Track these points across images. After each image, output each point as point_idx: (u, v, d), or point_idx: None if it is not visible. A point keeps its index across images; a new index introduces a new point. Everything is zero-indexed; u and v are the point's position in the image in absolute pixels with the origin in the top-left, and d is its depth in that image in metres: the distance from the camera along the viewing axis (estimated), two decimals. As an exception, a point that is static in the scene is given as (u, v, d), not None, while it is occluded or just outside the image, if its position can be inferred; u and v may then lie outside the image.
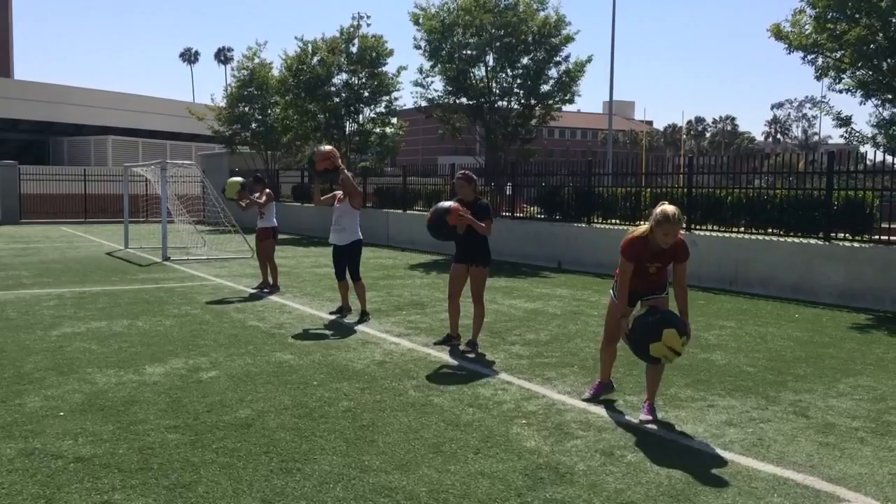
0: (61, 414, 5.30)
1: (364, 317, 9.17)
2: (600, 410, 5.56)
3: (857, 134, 11.53)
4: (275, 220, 11.77)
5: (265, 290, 11.46)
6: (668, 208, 5.04)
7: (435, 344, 7.78)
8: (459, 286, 7.64)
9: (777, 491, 4.13)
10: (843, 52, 11.08)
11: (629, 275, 5.30)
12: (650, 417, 5.28)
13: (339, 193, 9.39)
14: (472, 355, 7.33)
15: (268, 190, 11.84)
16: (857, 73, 11.18)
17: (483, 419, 5.31)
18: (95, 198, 33.12)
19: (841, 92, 11.55)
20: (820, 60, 11.62)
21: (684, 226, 13.22)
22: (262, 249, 11.69)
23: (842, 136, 11.72)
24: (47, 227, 28.43)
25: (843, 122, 11.50)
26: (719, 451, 4.73)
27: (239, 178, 12.52)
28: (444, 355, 7.34)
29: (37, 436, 4.85)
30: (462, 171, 7.74)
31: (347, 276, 9.35)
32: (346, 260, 9.28)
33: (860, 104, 11.43)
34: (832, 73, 11.45)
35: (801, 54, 11.77)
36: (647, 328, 5.09)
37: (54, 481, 4.13)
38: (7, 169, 31.67)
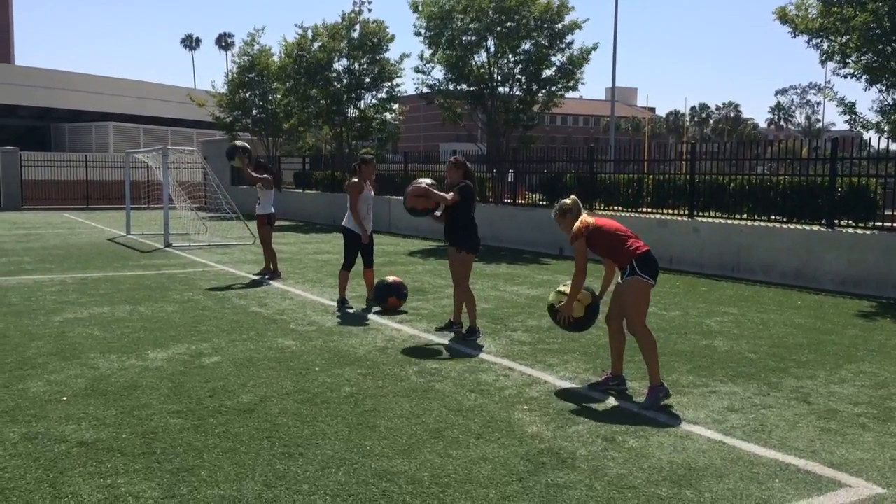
0: (64, 399, 5.31)
1: (372, 304, 9.20)
2: (602, 396, 5.56)
3: (862, 120, 11.46)
4: (271, 207, 11.70)
5: (266, 276, 11.47)
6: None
7: (437, 330, 7.78)
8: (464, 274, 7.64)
9: (779, 476, 4.14)
10: (848, 36, 11.00)
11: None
12: (651, 403, 5.28)
13: (356, 180, 9.05)
14: (452, 338, 7.33)
15: (266, 175, 11.72)
16: (863, 57, 11.10)
17: (485, 405, 5.32)
18: (97, 184, 33.11)
19: (846, 77, 11.47)
20: (825, 45, 11.55)
21: (688, 213, 13.19)
22: (260, 235, 11.69)
23: (846, 122, 11.64)
24: (49, 214, 28.44)
25: (848, 107, 11.43)
26: (721, 437, 4.73)
27: (239, 145, 12.22)
28: (445, 341, 7.34)
29: (40, 420, 4.86)
30: (453, 157, 7.77)
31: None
32: (371, 248, 9.28)
33: (864, 90, 11.37)
34: (837, 58, 11.38)
35: (805, 38, 11.70)
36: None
37: (58, 465, 4.14)
38: (8, 155, 31.64)
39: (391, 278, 9.11)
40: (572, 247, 5.73)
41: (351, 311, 8.92)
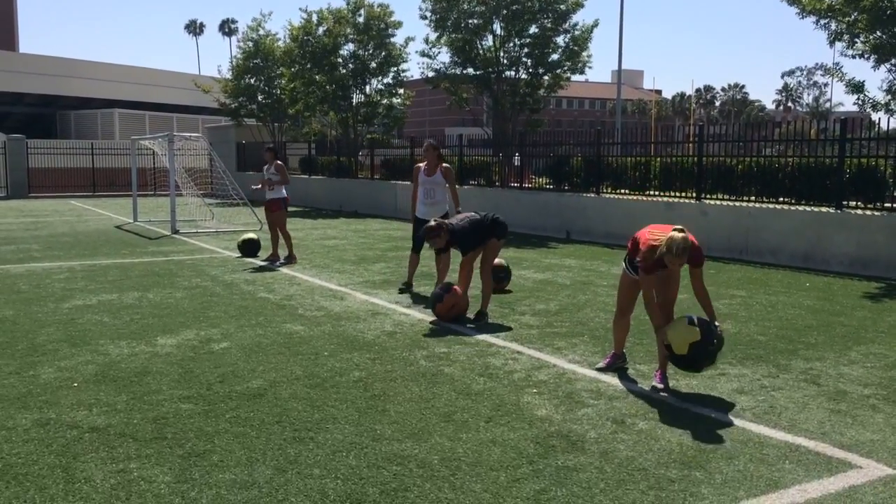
0: (75, 385, 5.34)
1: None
2: (611, 379, 5.57)
3: (871, 100, 11.36)
4: (285, 191, 11.72)
5: (276, 263, 11.46)
6: (676, 238, 4.95)
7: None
8: (473, 256, 7.67)
9: (789, 458, 4.14)
10: (857, 15, 10.88)
11: (653, 289, 5.24)
12: (661, 386, 5.28)
13: (422, 165, 9.15)
14: (472, 325, 7.34)
15: (278, 162, 11.75)
16: (871, 37, 10.98)
17: (494, 388, 5.32)
18: (103, 171, 33.16)
19: (854, 57, 11.36)
20: (833, 25, 11.43)
21: (695, 196, 13.15)
22: (275, 221, 11.66)
23: (855, 102, 11.54)
24: (56, 201, 28.51)
25: (856, 88, 11.33)
26: (731, 419, 4.73)
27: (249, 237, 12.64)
28: (454, 325, 7.35)
29: (52, 406, 4.89)
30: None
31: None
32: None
33: (873, 69, 11.24)
34: (846, 38, 11.26)
35: (813, 18, 11.58)
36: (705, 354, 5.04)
37: (70, 451, 4.17)
38: (15, 143, 31.68)
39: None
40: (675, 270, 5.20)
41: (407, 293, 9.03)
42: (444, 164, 9.19)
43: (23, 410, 4.81)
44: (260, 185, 11.80)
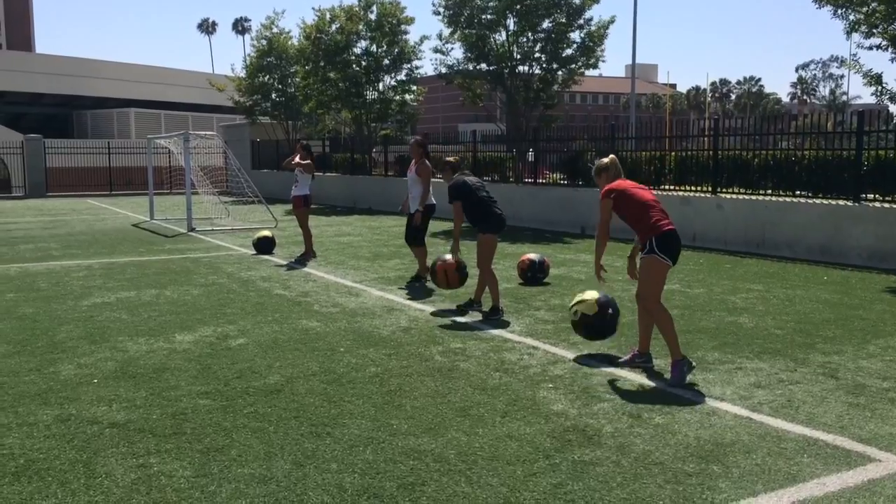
0: (95, 381, 5.40)
1: (417, 280, 9.48)
2: (627, 374, 5.55)
3: (889, 92, 11.23)
4: (307, 189, 11.72)
5: (298, 260, 11.48)
6: None
7: (457, 308, 7.80)
8: (483, 254, 7.69)
9: (807, 451, 4.12)
10: (875, 6, 10.76)
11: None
12: (677, 379, 5.25)
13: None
14: (475, 317, 7.34)
15: (308, 161, 11.77)
16: (889, 28, 10.87)
17: (510, 383, 5.33)
18: (120, 170, 33.39)
19: (870, 48, 11.25)
20: (851, 16, 11.31)
21: (711, 190, 13.05)
22: (296, 217, 11.75)
23: (873, 94, 11.41)
24: (73, 200, 28.75)
25: (874, 79, 11.21)
26: (748, 413, 4.71)
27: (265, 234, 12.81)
28: (468, 321, 7.36)
29: (72, 402, 4.95)
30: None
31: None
32: (409, 226, 9.62)
33: (891, 60, 11.12)
34: (863, 28, 11.14)
35: (830, 9, 11.47)
36: None
37: (91, 446, 4.22)
38: (33, 143, 31.98)
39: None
40: None
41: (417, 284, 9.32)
42: (424, 162, 9.37)
43: (44, 406, 4.87)
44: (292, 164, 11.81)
